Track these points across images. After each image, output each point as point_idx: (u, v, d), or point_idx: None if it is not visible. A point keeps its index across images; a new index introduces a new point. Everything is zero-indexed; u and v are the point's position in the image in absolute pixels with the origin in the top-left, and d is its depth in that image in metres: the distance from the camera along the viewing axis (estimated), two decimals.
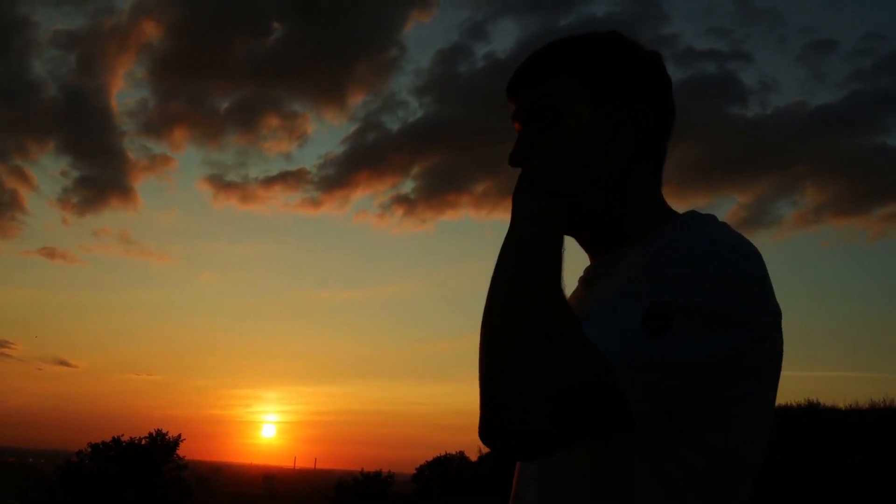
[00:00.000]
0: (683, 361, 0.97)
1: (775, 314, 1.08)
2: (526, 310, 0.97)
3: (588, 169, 1.12)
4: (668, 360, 0.96)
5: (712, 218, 1.18)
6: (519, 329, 0.96)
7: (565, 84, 1.21)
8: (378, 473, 35.10)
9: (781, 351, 1.10)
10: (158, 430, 37.87)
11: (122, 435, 37.14)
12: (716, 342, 0.99)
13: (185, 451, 40.77)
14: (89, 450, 36.40)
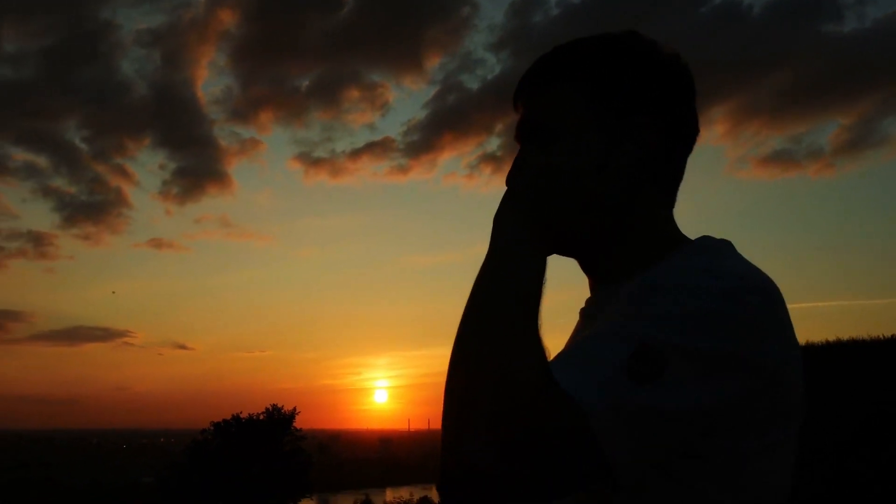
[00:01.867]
0: (674, 411, 0.85)
1: (791, 356, 0.93)
2: (490, 349, 0.88)
3: (577, 193, 1.01)
4: (655, 409, 0.84)
5: (726, 246, 1.03)
6: (482, 369, 0.87)
7: (563, 95, 1.07)
8: None
9: (800, 398, 0.96)
10: (274, 405, 39.58)
11: (241, 412, 39.01)
12: (715, 389, 0.86)
13: (303, 421, 42.52)
14: (212, 428, 38.36)
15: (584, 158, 1.02)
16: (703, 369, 0.85)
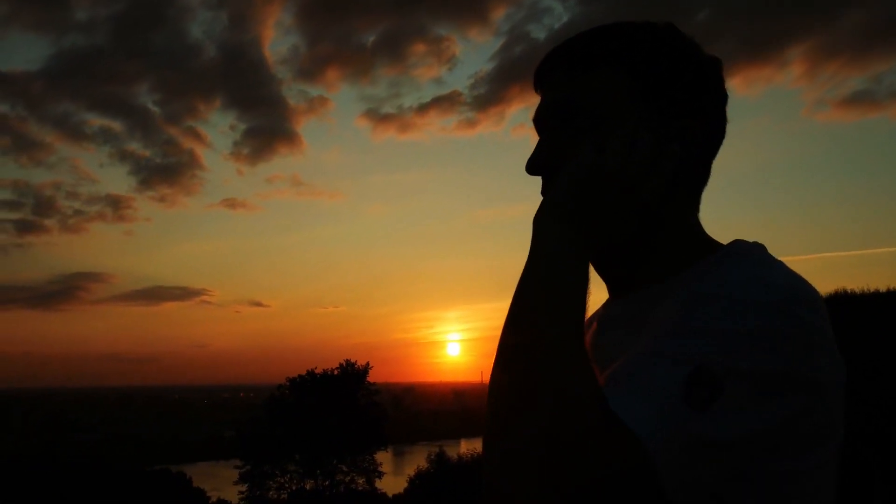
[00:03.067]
0: (733, 438, 0.79)
1: (838, 370, 0.87)
2: (542, 376, 0.80)
3: (628, 202, 0.94)
4: (717, 441, 0.78)
5: (760, 251, 0.96)
6: (533, 398, 0.79)
7: (609, 81, 0.99)
8: None
9: (843, 413, 0.89)
10: (348, 360, 39.93)
11: (316, 368, 39.47)
12: (773, 412, 0.80)
13: (376, 375, 43.03)
14: (288, 384, 38.94)
15: (636, 158, 0.94)
16: (759, 390, 0.80)
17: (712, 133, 1.02)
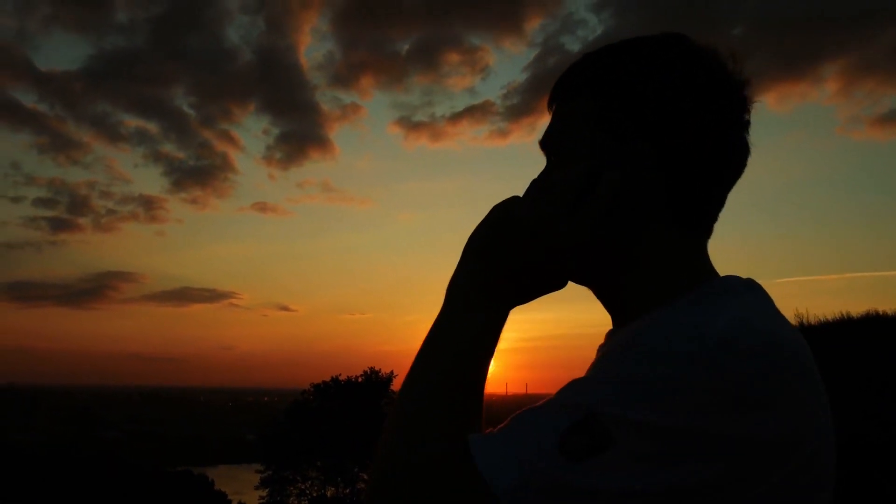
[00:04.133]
0: (614, 493, 0.72)
1: (807, 427, 0.76)
2: (409, 420, 0.84)
3: (534, 242, 0.90)
4: (590, 492, 0.72)
5: (745, 290, 0.87)
6: (398, 439, 0.83)
7: (575, 112, 0.96)
8: None
9: (826, 474, 0.79)
10: (372, 368, 39.81)
11: (340, 374, 39.38)
12: (680, 472, 0.71)
13: (401, 383, 42.71)
14: (312, 389, 38.91)
15: (549, 200, 0.91)
16: (659, 447, 0.72)
17: (698, 153, 0.90)
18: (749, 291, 0.87)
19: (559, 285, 0.96)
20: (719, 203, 0.95)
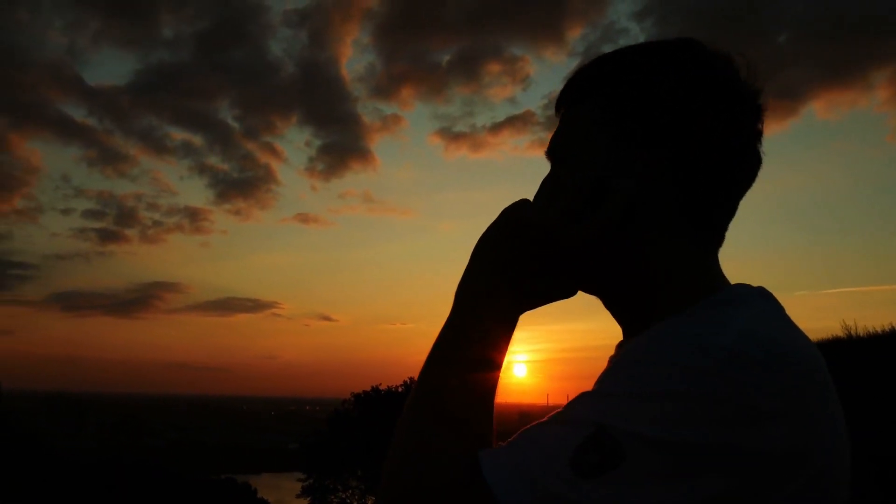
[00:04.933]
0: None
1: (817, 436, 0.75)
2: (418, 431, 0.82)
3: (544, 249, 0.89)
4: None
5: (756, 300, 0.85)
6: (407, 451, 0.82)
7: (583, 116, 0.94)
8: None
9: (838, 482, 0.77)
10: (412, 377, 39.57)
11: (381, 384, 39.42)
12: (692, 487, 0.69)
13: None
14: (352, 399, 39.08)
15: (560, 208, 0.90)
16: (672, 463, 0.70)
17: (710, 161, 0.89)
18: (759, 300, 0.85)
19: (568, 293, 0.95)
20: (731, 212, 0.93)
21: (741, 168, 0.91)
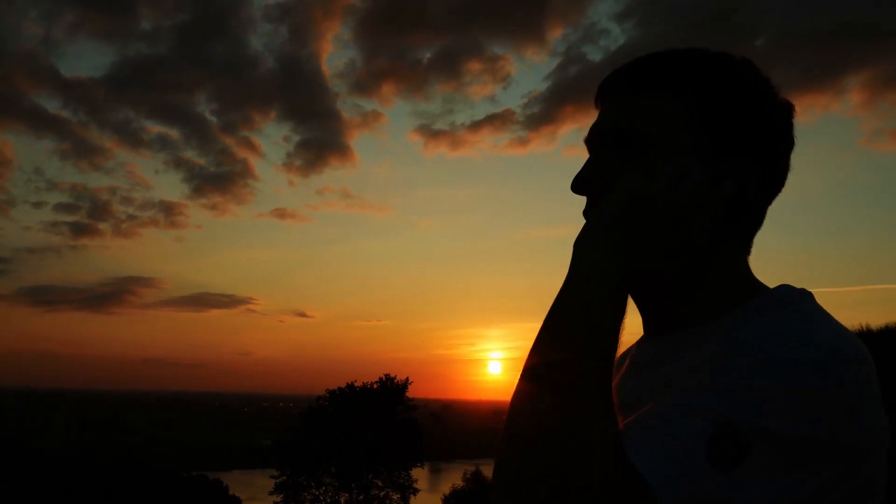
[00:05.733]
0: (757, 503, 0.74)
1: (883, 431, 0.80)
2: (556, 412, 0.77)
3: (674, 230, 0.87)
4: (736, 502, 0.73)
5: (808, 299, 0.91)
6: (545, 435, 0.76)
7: (669, 106, 0.94)
8: None
9: (884, 479, 0.82)
10: (388, 374, 39.74)
11: (356, 381, 39.40)
12: (804, 480, 0.74)
13: (416, 390, 42.63)
14: (327, 395, 39.01)
15: (687, 189, 0.89)
16: (791, 455, 0.74)
17: (772, 177, 0.97)
18: (811, 299, 0.91)
19: (673, 275, 0.91)
20: (763, 219, 1.00)
21: (783, 178, 0.99)
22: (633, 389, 0.98)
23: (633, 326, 0.95)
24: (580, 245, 0.89)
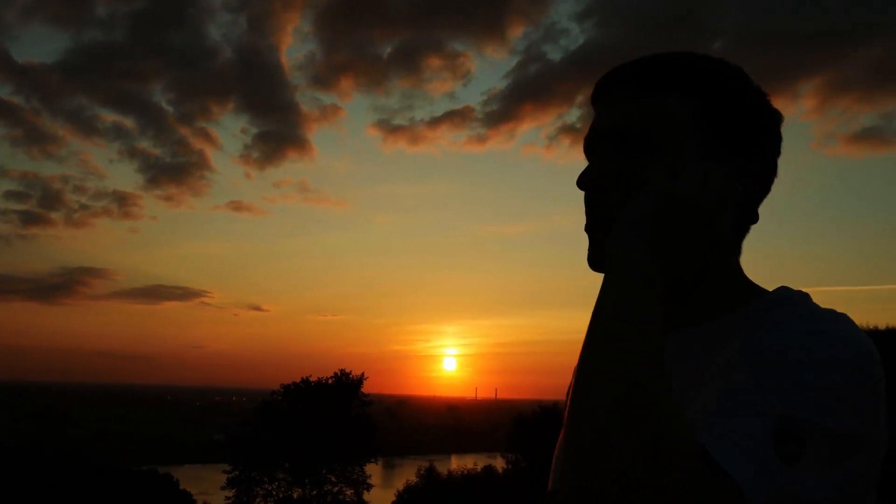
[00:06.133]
0: (818, 498, 0.77)
1: (885, 426, 0.85)
2: (634, 409, 0.74)
3: (703, 229, 0.89)
4: (802, 497, 0.76)
5: (810, 301, 0.94)
6: (624, 430, 0.73)
7: (676, 107, 0.96)
8: (555, 405, 35.46)
9: (873, 486, 0.85)
10: (343, 370, 39.62)
11: (311, 375, 39.16)
12: (848, 473, 0.79)
13: (371, 386, 42.79)
14: (282, 390, 38.73)
15: (712, 190, 0.89)
16: (838, 449, 0.78)
17: (764, 177, 1.00)
18: (814, 302, 0.94)
19: (693, 274, 0.93)
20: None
21: (770, 183, 1.02)
22: None
23: None
24: (618, 243, 0.88)
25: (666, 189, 0.89)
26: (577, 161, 0.99)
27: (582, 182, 0.99)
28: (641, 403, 0.74)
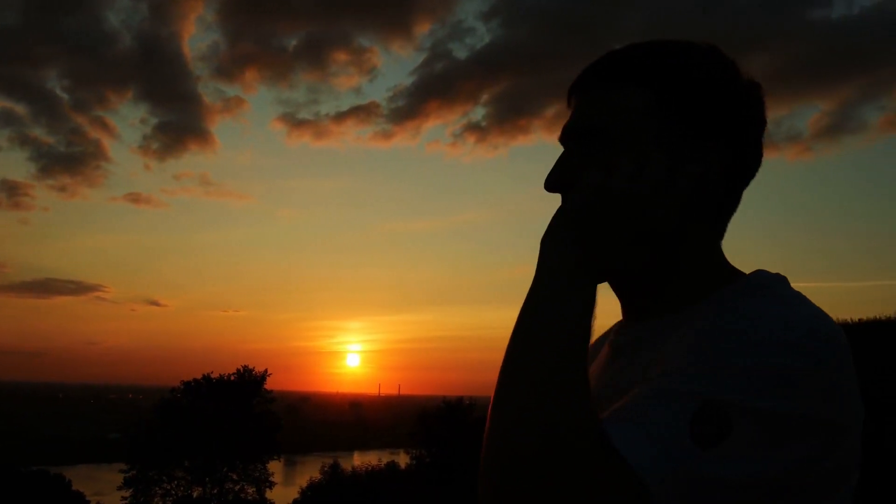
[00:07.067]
0: (741, 481, 0.76)
1: (859, 409, 0.84)
2: (534, 398, 0.79)
3: (633, 221, 0.89)
4: (720, 480, 0.75)
5: (782, 284, 0.93)
6: (525, 420, 0.79)
7: (629, 99, 0.97)
8: (460, 400, 35.74)
9: (859, 455, 0.86)
10: (245, 366, 39.19)
11: (212, 372, 38.58)
12: (784, 456, 0.77)
13: (274, 382, 42.29)
14: (182, 387, 37.93)
15: (645, 181, 0.90)
16: (772, 432, 0.77)
17: (743, 158, 0.99)
18: (787, 286, 0.94)
19: (639, 267, 0.93)
20: (738, 204, 1.02)
21: (756, 161, 1.01)
22: (613, 375, 1.01)
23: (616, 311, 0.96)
24: (546, 242, 0.92)
25: (594, 185, 0.91)
26: (482, 159, 0.99)
27: (547, 185, 1.01)
28: (546, 395, 0.79)
